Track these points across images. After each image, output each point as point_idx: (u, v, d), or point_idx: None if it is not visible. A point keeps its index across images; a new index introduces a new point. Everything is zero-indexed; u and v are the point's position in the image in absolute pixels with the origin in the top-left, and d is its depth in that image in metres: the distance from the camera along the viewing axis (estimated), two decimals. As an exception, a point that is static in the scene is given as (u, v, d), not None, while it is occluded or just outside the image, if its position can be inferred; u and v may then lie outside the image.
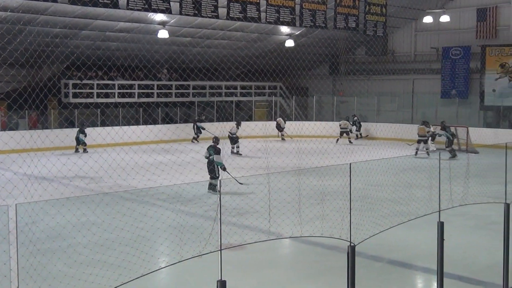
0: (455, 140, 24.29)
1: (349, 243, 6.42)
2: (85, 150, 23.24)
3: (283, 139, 29.57)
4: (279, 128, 29.76)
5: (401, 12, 30.41)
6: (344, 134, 28.07)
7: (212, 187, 14.83)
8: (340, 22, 24.52)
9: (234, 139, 23.89)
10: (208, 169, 15.07)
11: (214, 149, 14.98)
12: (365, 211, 10.64)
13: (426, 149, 23.13)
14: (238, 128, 24.67)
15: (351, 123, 29.22)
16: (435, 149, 23.52)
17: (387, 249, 10.29)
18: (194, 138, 28.14)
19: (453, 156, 22.04)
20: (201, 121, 28.92)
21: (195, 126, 28.23)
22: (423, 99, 31.73)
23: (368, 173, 10.31)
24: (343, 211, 7.15)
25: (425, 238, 10.40)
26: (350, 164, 7.03)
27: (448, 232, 7.79)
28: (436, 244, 7.29)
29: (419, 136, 23.48)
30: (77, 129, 23.84)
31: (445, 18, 28.82)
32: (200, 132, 28.05)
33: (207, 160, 15.16)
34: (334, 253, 10.06)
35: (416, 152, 23.04)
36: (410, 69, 33.30)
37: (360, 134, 30.04)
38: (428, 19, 29.17)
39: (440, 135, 23.24)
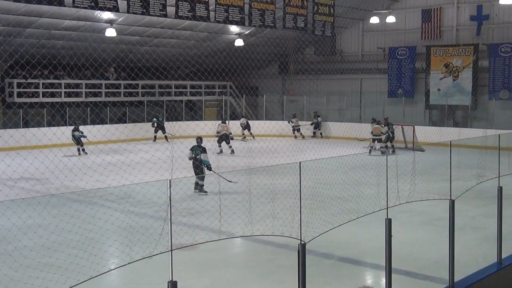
0: (402, 139, 24.81)
1: (299, 241, 6.46)
2: (84, 150, 23.25)
3: (244, 139, 29.63)
4: (247, 127, 30.06)
5: (349, 13, 30.84)
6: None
7: (199, 187, 14.76)
8: (289, 22, 24.68)
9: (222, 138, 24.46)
10: (195, 169, 14.98)
11: (201, 149, 14.99)
12: (315, 209, 10.73)
13: (380, 148, 23.58)
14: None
15: (315, 121, 29.71)
16: (379, 147, 24.02)
17: (337, 246, 10.43)
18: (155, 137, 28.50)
19: (392, 152, 22.85)
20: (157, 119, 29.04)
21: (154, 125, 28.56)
22: (370, 98, 32.26)
23: (317, 172, 10.40)
24: (294, 210, 7.19)
25: (374, 235, 10.56)
26: (300, 162, 7.08)
27: (396, 228, 7.95)
28: (384, 240, 7.42)
29: (374, 135, 23.90)
30: (72, 128, 23.75)
31: (391, 19, 29.39)
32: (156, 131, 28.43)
33: (192, 160, 15.16)
34: (285, 251, 10.12)
35: (370, 151, 23.39)
36: (358, 69, 33.80)
37: (321, 133, 30.29)
38: (374, 20, 29.69)
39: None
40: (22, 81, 26.29)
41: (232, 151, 23.82)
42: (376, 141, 23.78)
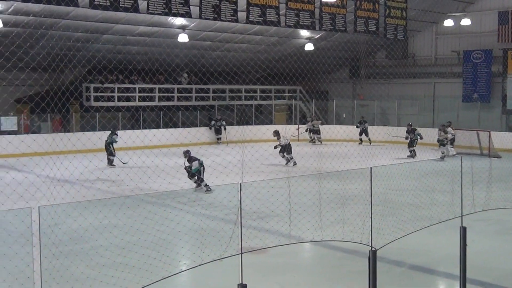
0: (477, 145, 24.07)
1: (370, 247, 6.40)
2: (112, 162, 21.16)
3: (314, 142, 29.53)
4: (316, 131, 29.59)
5: (422, 16, 30.23)
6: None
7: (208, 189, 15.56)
8: (360, 26, 24.45)
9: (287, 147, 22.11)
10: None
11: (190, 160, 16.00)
12: (387, 216, 10.58)
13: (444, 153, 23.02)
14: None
15: (361, 126, 29.03)
16: (455, 153, 23.35)
17: (409, 254, 10.22)
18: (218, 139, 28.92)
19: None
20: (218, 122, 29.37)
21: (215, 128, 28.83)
22: (444, 103, 31.48)
23: (389, 177, 10.26)
24: (364, 216, 7.12)
25: (447, 243, 10.31)
26: (371, 168, 7.01)
27: (471, 237, 7.72)
28: (459, 249, 7.23)
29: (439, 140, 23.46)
30: (109, 133, 22.14)
31: (466, 22, 28.57)
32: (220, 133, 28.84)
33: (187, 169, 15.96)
34: (354, 257, 10.02)
35: (443, 157, 22.86)
36: (431, 73, 33.07)
37: (369, 139, 29.10)
38: (449, 23, 28.94)
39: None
40: (99, 85, 27.21)
41: (294, 163, 21.99)
42: (441, 146, 23.14)
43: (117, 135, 22.08)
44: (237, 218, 6.51)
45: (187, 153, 16.34)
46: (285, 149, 21.73)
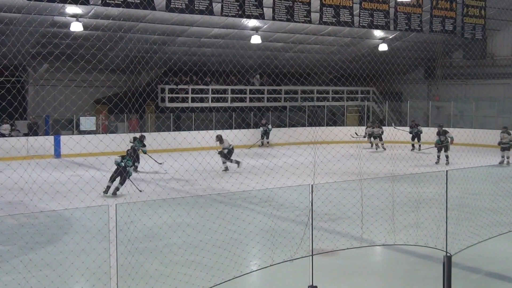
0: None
1: (445, 253, 6.24)
2: (136, 169, 19.24)
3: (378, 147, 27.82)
4: (379, 136, 27.75)
5: (502, 14, 29.18)
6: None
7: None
8: (436, 25, 23.89)
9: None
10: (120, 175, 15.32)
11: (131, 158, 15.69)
12: (462, 221, 10.28)
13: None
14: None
15: (414, 130, 26.94)
16: None
17: (485, 260, 9.89)
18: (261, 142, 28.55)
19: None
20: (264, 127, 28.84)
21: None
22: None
23: (465, 181, 9.98)
24: (439, 220, 6.96)
25: (526, 250, 9.93)
26: (446, 171, 6.84)
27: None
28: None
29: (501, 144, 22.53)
30: (135, 139, 20.15)
31: (550, 19, 27.40)
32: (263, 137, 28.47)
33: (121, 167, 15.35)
34: (428, 262, 9.79)
35: (502, 162, 22.02)
36: (510, 73, 31.87)
37: (419, 146, 27.06)
38: (530, 21, 27.84)
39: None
40: (173, 87, 27.81)
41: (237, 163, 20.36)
42: (505, 150, 22.08)
43: (145, 145, 20.29)
44: (308, 219, 6.50)
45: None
46: (229, 154, 20.40)
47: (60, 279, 8.41)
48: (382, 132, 27.26)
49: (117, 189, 15.00)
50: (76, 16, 20.31)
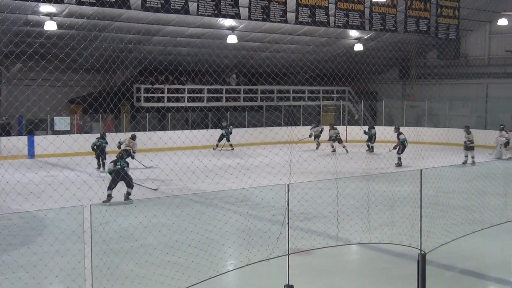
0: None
1: (419, 251, 6.31)
2: (104, 165, 19.93)
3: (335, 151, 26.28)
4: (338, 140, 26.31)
5: (475, 15, 29.55)
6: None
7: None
8: (411, 26, 24.09)
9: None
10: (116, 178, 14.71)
11: (125, 162, 15.03)
12: (436, 219, 10.40)
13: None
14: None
15: (367, 131, 26.66)
16: (510, 156, 22.80)
17: (459, 258, 10.01)
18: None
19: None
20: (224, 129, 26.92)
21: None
22: (497, 104, 30.69)
23: (439, 180, 10.08)
24: (413, 218, 7.03)
25: (499, 247, 10.07)
26: (421, 170, 6.91)
27: (524, 242, 7.52)
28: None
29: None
30: (99, 137, 20.63)
31: (521, 20, 27.83)
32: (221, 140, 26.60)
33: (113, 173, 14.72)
34: (403, 260, 9.88)
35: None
36: (483, 73, 32.29)
37: (372, 147, 26.57)
38: (503, 22, 28.20)
39: None
40: (149, 86, 27.66)
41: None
42: (469, 149, 22.23)
43: (105, 140, 20.46)
44: (284, 219, 6.52)
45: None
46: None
47: (34, 281, 8.31)
48: (338, 133, 26.33)
49: (128, 193, 14.54)
50: (50, 15, 20.06)
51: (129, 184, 14.60)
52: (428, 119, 31.95)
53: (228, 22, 23.62)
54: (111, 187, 14.32)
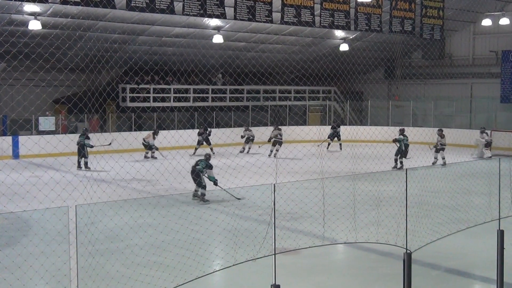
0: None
1: (405, 250, 6.34)
2: (86, 164, 20.30)
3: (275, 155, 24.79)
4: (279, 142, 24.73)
5: (459, 15, 29.78)
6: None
7: (196, 195, 14.79)
8: (396, 26, 24.22)
9: (147, 147, 23.02)
10: (195, 178, 14.87)
11: (206, 164, 14.91)
12: (422, 218, 10.45)
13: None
14: (154, 138, 22.97)
15: (331, 131, 27.12)
16: (490, 155, 23.10)
17: (444, 257, 10.08)
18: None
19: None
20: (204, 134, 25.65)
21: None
22: (481, 104, 30.95)
23: (424, 179, 10.13)
24: (399, 217, 7.06)
25: (484, 246, 10.14)
26: (406, 169, 6.95)
27: (508, 240, 7.58)
28: (496, 252, 7.11)
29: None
30: (80, 135, 20.79)
31: (504, 21, 28.05)
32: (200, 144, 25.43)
33: (192, 169, 14.96)
34: (389, 260, 9.93)
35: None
36: (468, 73, 32.56)
37: (340, 144, 27.35)
38: (487, 22, 28.46)
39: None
40: (134, 86, 27.55)
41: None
42: (439, 151, 22.24)
43: (89, 138, 20.49)
44: (270, 218, 6.52)
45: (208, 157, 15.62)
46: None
47: (18, 282, 8.24)
48: (281, 134, 24.81)
49: (203, 194, 14.62)
50: (34, 14, 19.91)
51: (200, 184, 14.74)
52: (413, 119, 32.14)
53: (214, 22, 23.59)
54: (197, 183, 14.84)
